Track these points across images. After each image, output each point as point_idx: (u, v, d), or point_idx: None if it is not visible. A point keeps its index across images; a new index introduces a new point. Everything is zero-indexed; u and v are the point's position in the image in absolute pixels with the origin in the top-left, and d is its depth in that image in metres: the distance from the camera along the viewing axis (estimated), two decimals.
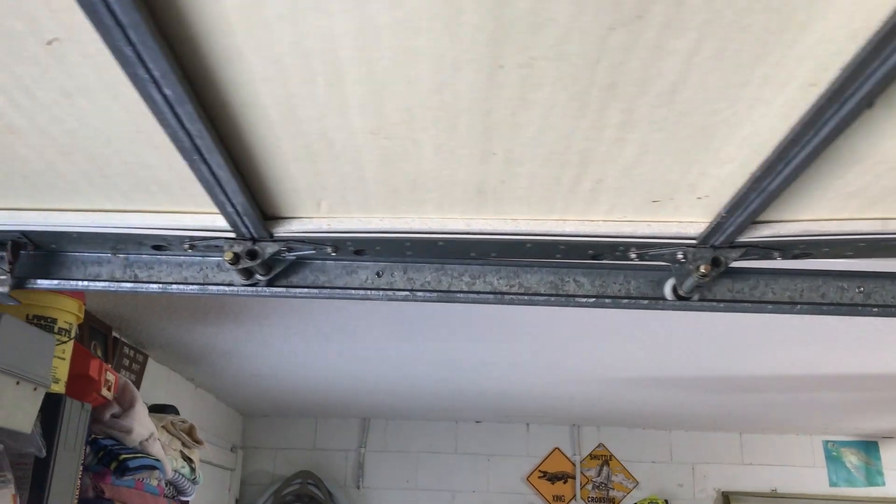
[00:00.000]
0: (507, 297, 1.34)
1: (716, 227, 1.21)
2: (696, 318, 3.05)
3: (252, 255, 1.29)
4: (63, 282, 1.42)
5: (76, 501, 2.30)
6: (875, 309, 1.35)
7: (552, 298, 1.34)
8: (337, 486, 5.59)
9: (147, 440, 2.80)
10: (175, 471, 3.16)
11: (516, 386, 4.48)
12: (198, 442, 3.47)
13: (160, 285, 1.38)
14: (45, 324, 2.21)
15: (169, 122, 0.97)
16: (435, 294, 1.34)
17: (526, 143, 1.05)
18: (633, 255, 1.29)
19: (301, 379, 4.45)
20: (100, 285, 1.39)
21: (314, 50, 0.88)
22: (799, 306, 1.34)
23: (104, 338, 3.27)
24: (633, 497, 5.62)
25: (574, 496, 5.65)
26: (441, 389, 4.65)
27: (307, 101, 0.98)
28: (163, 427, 3.20)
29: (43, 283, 1.41)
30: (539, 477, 5.70)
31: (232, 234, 1.29)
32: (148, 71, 0.86)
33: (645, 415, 5.24)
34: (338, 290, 1.35)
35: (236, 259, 1.28)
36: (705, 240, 1.25)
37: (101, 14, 0.77)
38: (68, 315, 2.29)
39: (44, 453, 2.09)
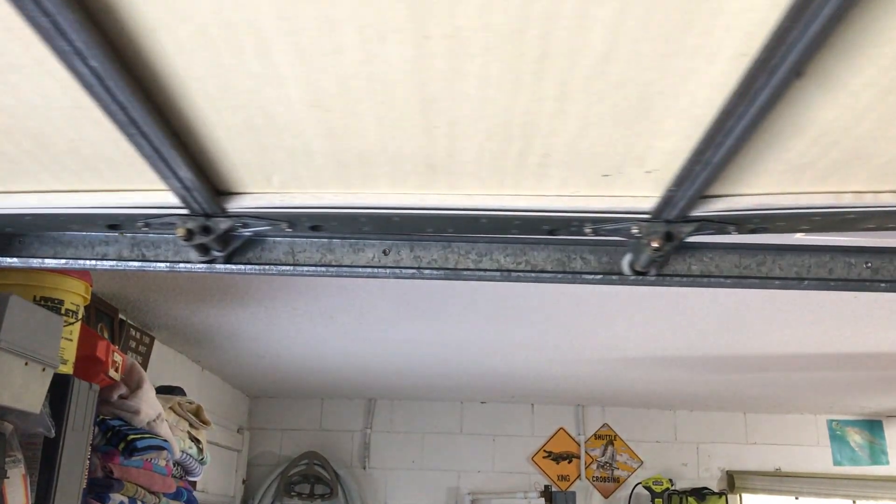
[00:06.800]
0: (513, 274, 1.34)
1: (666, 202, 1.19)
2: (701, 298, 3.05)
3: (206, 230, 1.27)
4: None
5: (85, 481, 2.32)
6: (883, 284, 1.34)
7: (559, 276, 1.34)
8: (343, 467, 5.63)
9: (155, 421, 2.81)
10: (183, 451, 3.18)
11: (521, 366, 4.49)
12: (205, 422, 3.49)
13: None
14: (52, 305, 2.22)
15: (100, 95, 0.94)
16: (442, 272, 1.34)
17: (467, 115, 1.04)
18: (589, 231, 1.27)
19: (307, 360, 4.47)
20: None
21: (236, 20, 0.87)
22: (806, 282, 1.34)
23: (110, 320, 3.29)
24: (638, 476, 5.65)
25: (579, 476, 5.69)
26: (446, 370, 4.67)
27: (241, 73, 0.96)
28: (170, 408, 3.22)
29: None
30: (544, 457, 5.73)
31: (185, 211, 1.26)
32: (70, 43, 0.84)
33: (649, 394, 5.25)
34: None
35: (190, 235, 1.26)
36: (658, 214, 1.23)
37: None
38: (75, 296, 2.30)
39: (53, 434, 2.11)
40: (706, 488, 5.51)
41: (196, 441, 3.38)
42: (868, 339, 3.57)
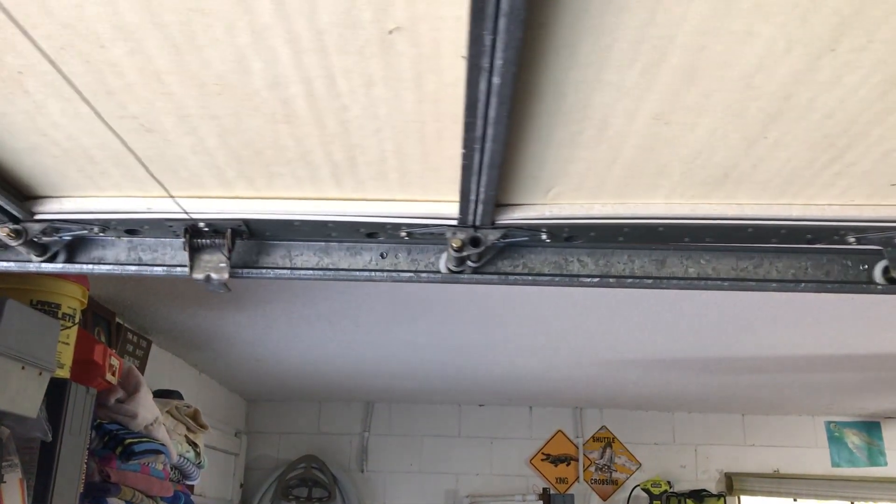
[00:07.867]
0: (510, 277, 1.34)
1: None
2: (699, 300, 3.05)
3: (475, 242, 1.27)
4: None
5: (82, 485, 2.31)
6: (880, 287, 1.35)
7: (556, 279, 1.33)
8: (341, 470, 5.62)
9: (152, 425, 2.81)
10: (180, 455, 3.17)
11: (519, 369, 4.49)
12: (202, 426, 3.48)
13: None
14: (48, 309, 2.21)
15: (477, 110, 0.92)
16: (439, 275, 1.33)
17: (806, 126, 1.02)
18: (852, 240, 1.26)
19: (304, 363, 4.47)
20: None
21: (652, 35, 0.84)
22: (803, 284, 1.34)
23: (107, 324, 3.28)
24: (636, 479, 5.64)
25: (577, 478, 5.68)
26: (444, 373, 4.67)
27: (610, 88, 0.94)
28: (167, 412, 3.22)
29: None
30: (542, 459, 5.73)
31: (454, 222, 1.26)
32: (491, 61, 0.81)
33: (647, 397, 5.25)
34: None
35: (462, 247, 1.26)
36: None
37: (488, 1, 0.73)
38: (72, 300, 2.29)
39: (50, 438, 2.10)
40: (704, 490, 5.50)
41: (193, 445, 3.37)
42: (866, 341, 3.57)
